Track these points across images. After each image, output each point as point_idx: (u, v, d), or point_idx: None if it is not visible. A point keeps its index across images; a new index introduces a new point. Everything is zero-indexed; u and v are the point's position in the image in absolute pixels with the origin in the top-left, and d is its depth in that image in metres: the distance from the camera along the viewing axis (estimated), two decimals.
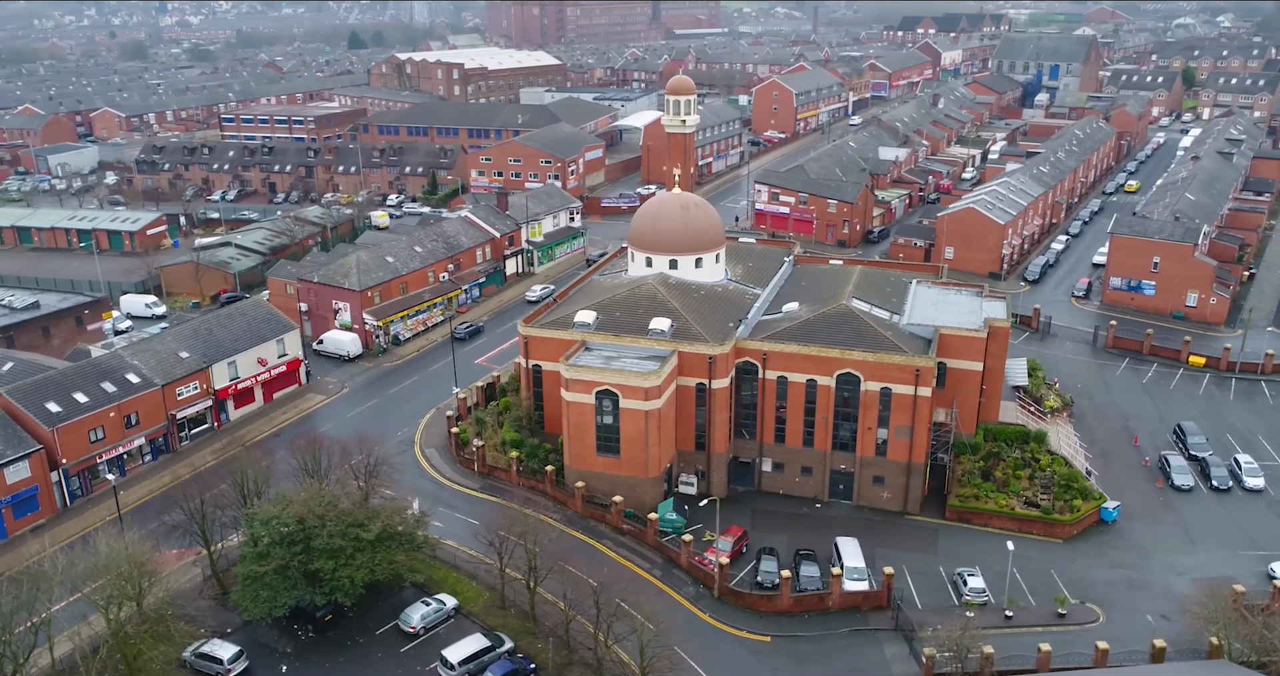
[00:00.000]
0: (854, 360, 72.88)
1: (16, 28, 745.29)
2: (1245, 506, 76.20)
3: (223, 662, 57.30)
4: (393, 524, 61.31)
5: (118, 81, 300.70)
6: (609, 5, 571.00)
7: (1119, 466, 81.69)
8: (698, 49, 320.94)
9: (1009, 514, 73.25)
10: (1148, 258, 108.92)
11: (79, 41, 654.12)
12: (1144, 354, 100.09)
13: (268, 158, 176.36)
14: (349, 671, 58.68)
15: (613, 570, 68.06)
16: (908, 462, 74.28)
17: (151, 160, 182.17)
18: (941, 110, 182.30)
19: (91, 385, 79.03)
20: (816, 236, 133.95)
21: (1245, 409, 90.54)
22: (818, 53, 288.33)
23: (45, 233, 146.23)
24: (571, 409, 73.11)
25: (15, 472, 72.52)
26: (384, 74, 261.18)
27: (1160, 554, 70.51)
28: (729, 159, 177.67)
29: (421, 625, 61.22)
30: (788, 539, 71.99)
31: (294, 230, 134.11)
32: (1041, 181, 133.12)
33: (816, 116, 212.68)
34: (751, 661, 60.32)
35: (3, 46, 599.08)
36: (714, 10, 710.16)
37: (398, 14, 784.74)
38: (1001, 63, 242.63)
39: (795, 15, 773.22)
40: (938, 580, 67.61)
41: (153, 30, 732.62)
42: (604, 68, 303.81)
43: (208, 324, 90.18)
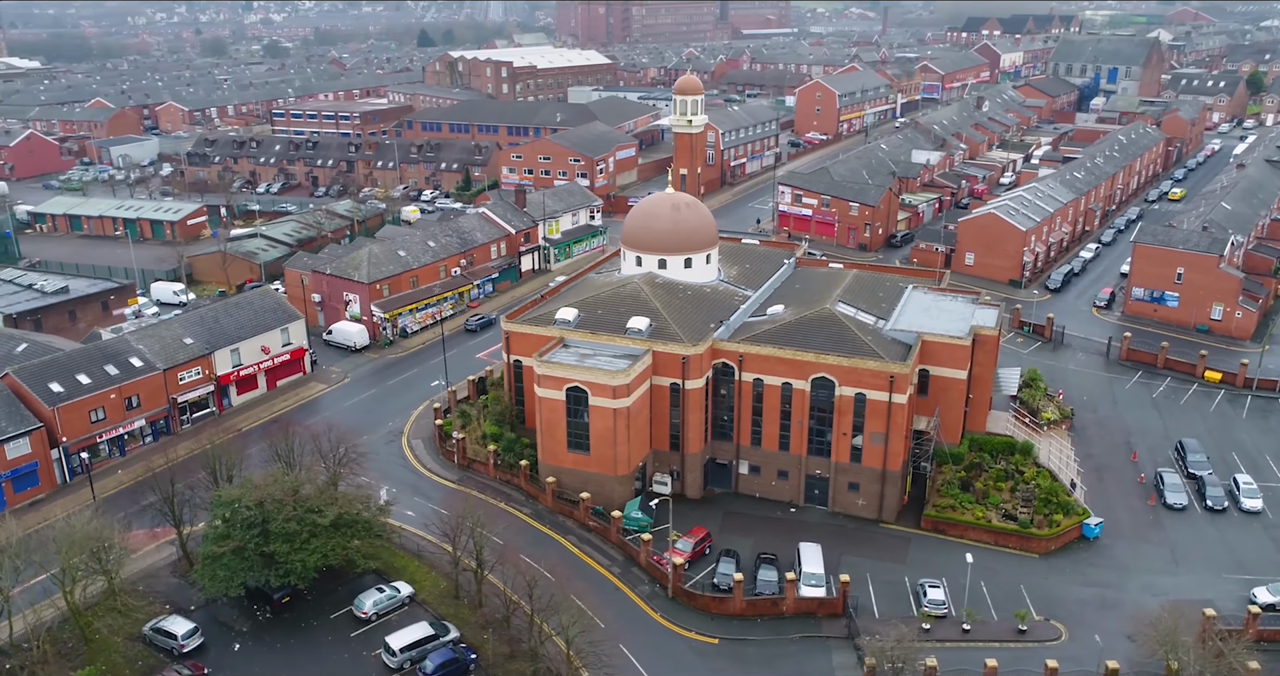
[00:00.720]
0: (828, 364, 72.08)
1: (111, 24, 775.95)
2: (1239, 528, 73.32)
3: (177, 638, 59.25)
4: (350, 511, 62.61)
5: (188, 76, 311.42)
6: (675, 5, 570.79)
7: (1113, 482, 79.29)
8: (754, 49, 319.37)
9: (985, 526, 71.68)
10: (1171, 268, 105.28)
11: (166, 38, 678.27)
12: (1158, 367, 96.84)
13: (311, 152, 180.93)
14: (299, 652, 60.19)
15: (572, 566, 68.73)
16: (882, 470, 73.17)
17: (203, 153, 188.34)
18: (985, 113, 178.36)
19: (95, 367, 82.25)
20: (838, 239, 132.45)
21: (1257, 427, 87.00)
22: (874, 54, 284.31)
23: (94, 220, 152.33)
24: (543, 405, 73.74)
25: (15, 448, 75.86)
26: (437, 71, 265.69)
27: (1140, 574, 68.28)
28: (764, 160, 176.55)
29: (374, 611, 62.43)
30: (756, 542, 71.54)
31: (322, 223, 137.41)
32: (1073, 187, 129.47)
33: (861, 118, 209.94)
34: (696, 662, 60.17)
35: (96, 42, 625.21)
36: (784, 10, 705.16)
37: (473, 13, 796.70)
38: (1058, 65, 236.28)
39: (869, 16, 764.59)
40: (901, 590, 66.51)
41: (237, 27, 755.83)
42: (657, 67, 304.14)
43: (214, 312, 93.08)
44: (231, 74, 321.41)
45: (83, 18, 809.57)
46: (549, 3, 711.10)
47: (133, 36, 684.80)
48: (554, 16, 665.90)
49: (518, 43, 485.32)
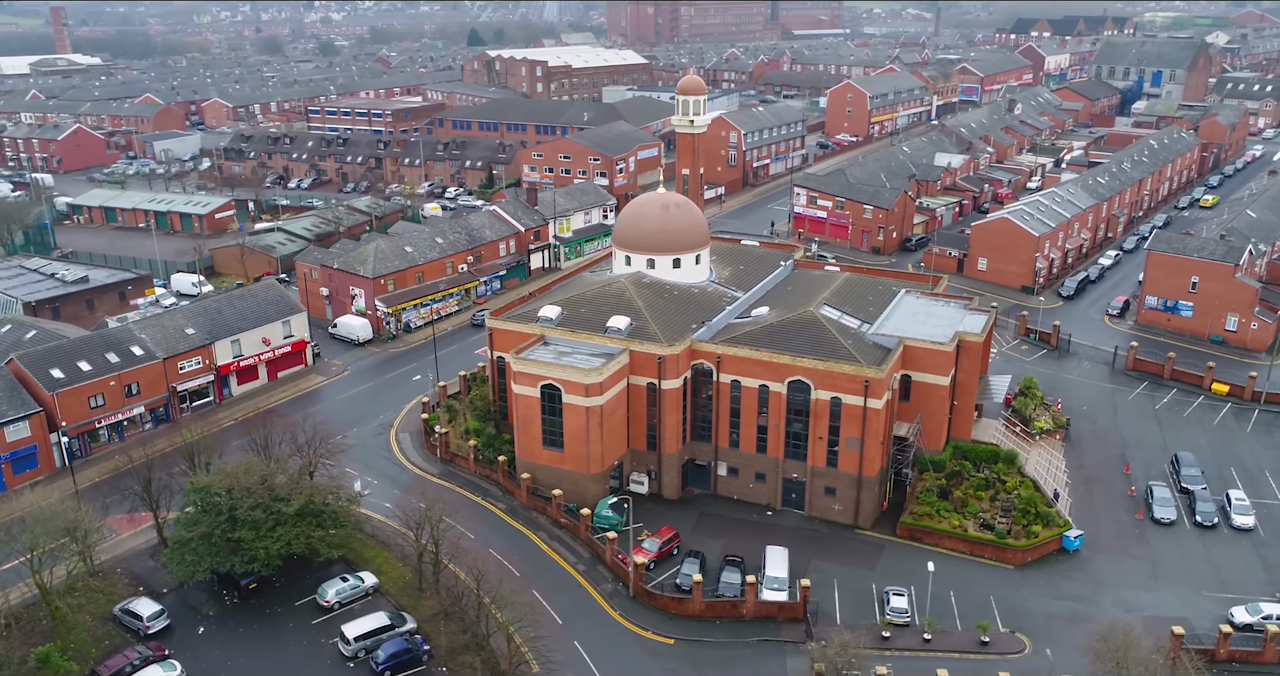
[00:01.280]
0: (804, 367, 71.55)
1: (177, 22, 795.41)
2: (1227, 545, 71.26)
3: (143, 619, 60.89)
4: (316, 501, 63.74)
5: (237, 74, 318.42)
6: (724, 5, 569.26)
7: (1102, 494, 77.55)
8: (794, 50, 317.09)
9: (961, 535, 70.60)
10: (1186, 277, 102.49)
11: (227, 36, 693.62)
12: (1165, 378, 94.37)
13: (342, 149, 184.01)
14: (260, 638, 61.46)
15: (538, 562, 69.30)
16: (858, 475, 72.42)
17: (239, 149, 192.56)
18: (1017, 116, 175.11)
19: (96, 355, 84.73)
20: (851, 242, 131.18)
21: (1260, 442, 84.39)
22: (915, 55, 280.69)
23: (128, 213, 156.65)
24: (519, 401, 74.30)
25: (15, 431, 78.50)
26: (475, 70, 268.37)
27: (1116, 589, 66.74)
28: (789, 161, 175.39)
29: (336, 600, 63.49)
30: (727, 544, 71.31)
31: (342, 218, 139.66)
32: (1095, 193, 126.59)
33: (893, 120, 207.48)
34: (648, 662, 60.20)
35: (160, 39, 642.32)
36: (836, 11, 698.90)
37: (527, 13, 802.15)
38: (1101, 68, 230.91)
39: (925, 17, 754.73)
40: (867, 597, 65.79)
41: (296, 26, 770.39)
42: (696, 67, 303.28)
43: (218, 303, 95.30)
44: (279, 71, 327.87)
45: (151, 16, 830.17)
46: (602, 2, 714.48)
47: (196, 34, 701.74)
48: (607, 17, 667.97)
49: (565, 42, 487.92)
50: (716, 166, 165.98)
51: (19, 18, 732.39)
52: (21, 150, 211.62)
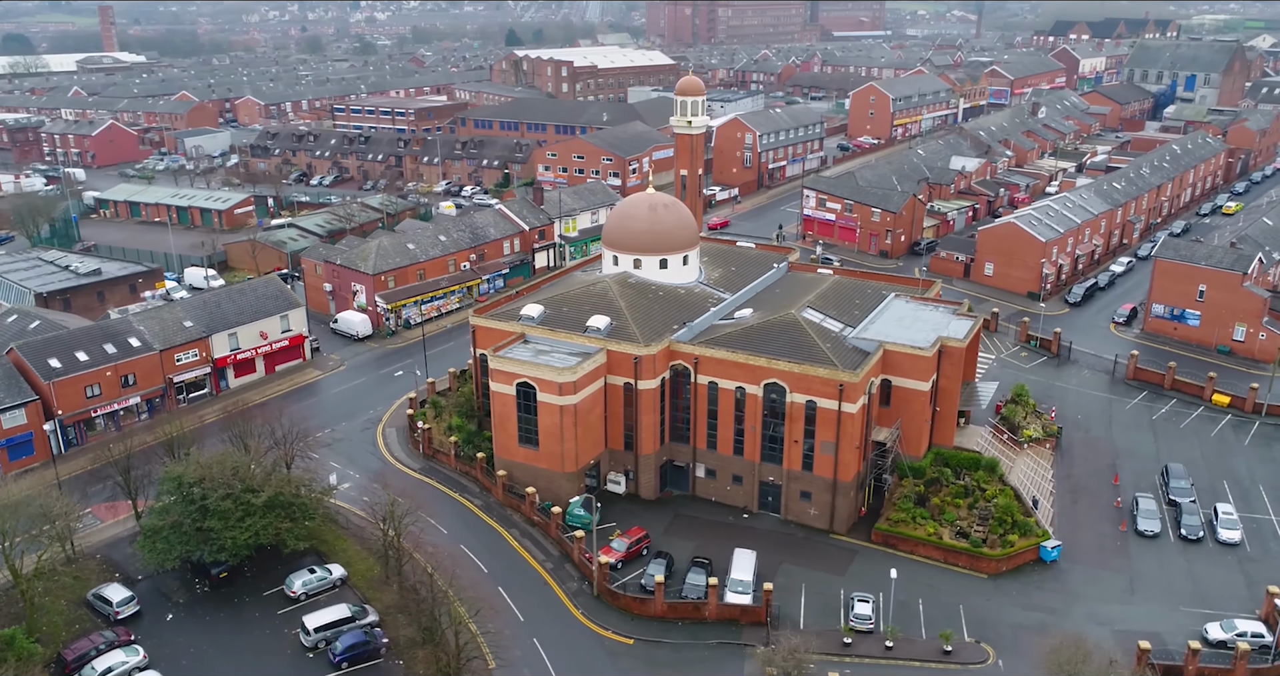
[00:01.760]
0: (779, 370, 71.16)
1: (226, 21, 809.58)
2: (1210, 559, 69.63)
3: (113, 605, 62.18)
4: (285, 493, 64.61)
5: (273, 72, 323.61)
6: (763, 6, 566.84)
7: (1087, 505, 76.16)
8: (826, 52, 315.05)
9: (935, 542, 69.74)
10: (1193, 285, 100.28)
11: (273, 35, 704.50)
12: (1165, 388, 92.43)
13: (364, 147, 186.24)
14: (225, 626, 62.42)
15: (507, 559, 69.70)
16: (833, 480, 71.86)
17: (264, 146, 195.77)
18: (1040, 120, 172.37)
19: (94, 346, 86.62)
20: (859, 245, 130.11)
21: (1257, 455, 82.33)
22: (948, 58, 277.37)
23: (151, 207, 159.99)
24: (496, 399, 74.74)
25: (11, 419, 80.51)
26: (503, 70, 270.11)
27: (1090, 601, 65.51)
28: (806, 163, 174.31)
29: (303, 591, 64.32)
30: (698, 546, 71.03)
31: (355, 215, 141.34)
32: (1109, 199, 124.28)
33: (918, 123, 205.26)
34: (605, 661, 60.23)
35: (207, 38, 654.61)
36: (878, 12, 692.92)
37: (570, 13, 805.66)
38: (1134, 71, 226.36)
39: (969, 18, 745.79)
40: (834, 602, 65.22)
41: (341, 25, 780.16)
42: (726, 69, 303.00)
43: (217, 297, 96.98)
44: (314, 70, 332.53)
45: (202, 15, 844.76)
46: (643, 3, 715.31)
47: (243, 33, 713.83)
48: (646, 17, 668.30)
49: (601, 42, 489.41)
50: (732, 168, 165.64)
51: (76, 16, 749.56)
52: (58, 145, 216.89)
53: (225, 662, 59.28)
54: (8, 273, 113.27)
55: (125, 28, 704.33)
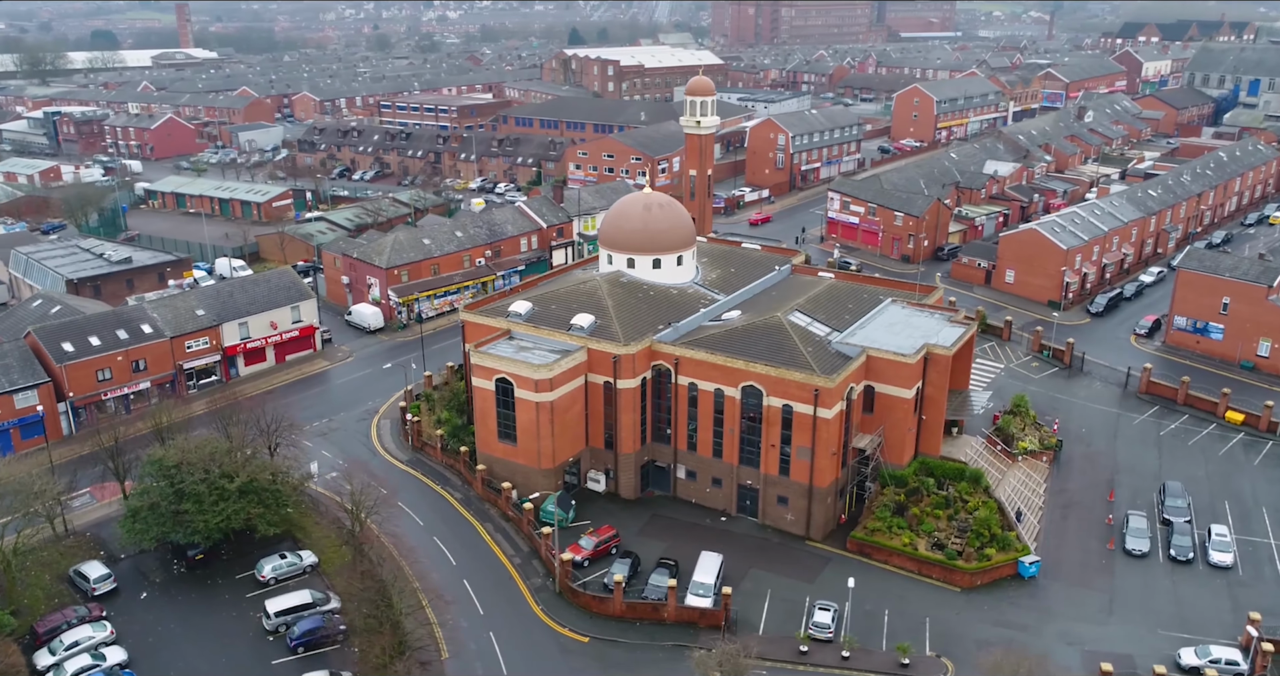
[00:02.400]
0: (756, 373, 70.56)
1: (303, 19, 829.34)
2: (1198, 582, 67.09)
3: (90, 581, 64.41)
4: (260, 480, 66.17)
5: (334, 69, 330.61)
6: (827, 6, 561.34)
7: (1077, 521, 74.02)
8: (881, 53, 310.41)
9: (910, 553, 68.45)
10: (1217, 297, 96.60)
11: (346, 33, 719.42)
12: (1179, 403, 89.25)
13: (404, 143, 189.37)
14: (195, 607, 64.15)
15: (477, 552, 70.41)
16: (809, 485, 71.01)
17: (311, 141, 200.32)
18: (1086, 124, 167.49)
19: (107, 331, 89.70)
20: (881, 249, 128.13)
21: (1265, 476, 78.99)
22: (1006, 60, 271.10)
23: (195, 199, 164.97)
24: (477, 394, 75.51)
25: (24, 399, 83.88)
26: (553, 69, 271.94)
27: (1064, 620, 63.69)
28: (842, 165, 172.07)
29: (272, 576, 65.79)
30: (670, 547, 70.77)
31: (385, 210, 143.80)
32: (1141, 206, 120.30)
33: (964, 126, 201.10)
34: (557, 658, 60.44)
35: (281, 36, 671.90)
36: (948, 13, 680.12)
37: (639, 13, 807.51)
38: (1195, 75, 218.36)
39: (1045, 19, 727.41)
40: (798, 609, 64.44)
41: (413, 24, 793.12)
42: (779, 70, 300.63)
43: (230, 286, 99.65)
44: (374, 67, 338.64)
45: (281, 13, 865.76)
46: (710, 2, 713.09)
47: (318, 31, 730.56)
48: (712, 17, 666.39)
49: (662, 42, 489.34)
50: (764, 169, 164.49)
51: (163, 14, 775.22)
52: (119, 137, 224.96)
53: (189, 641, 60.96)
54: (45, 259, 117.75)
55: (207, 25, 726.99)
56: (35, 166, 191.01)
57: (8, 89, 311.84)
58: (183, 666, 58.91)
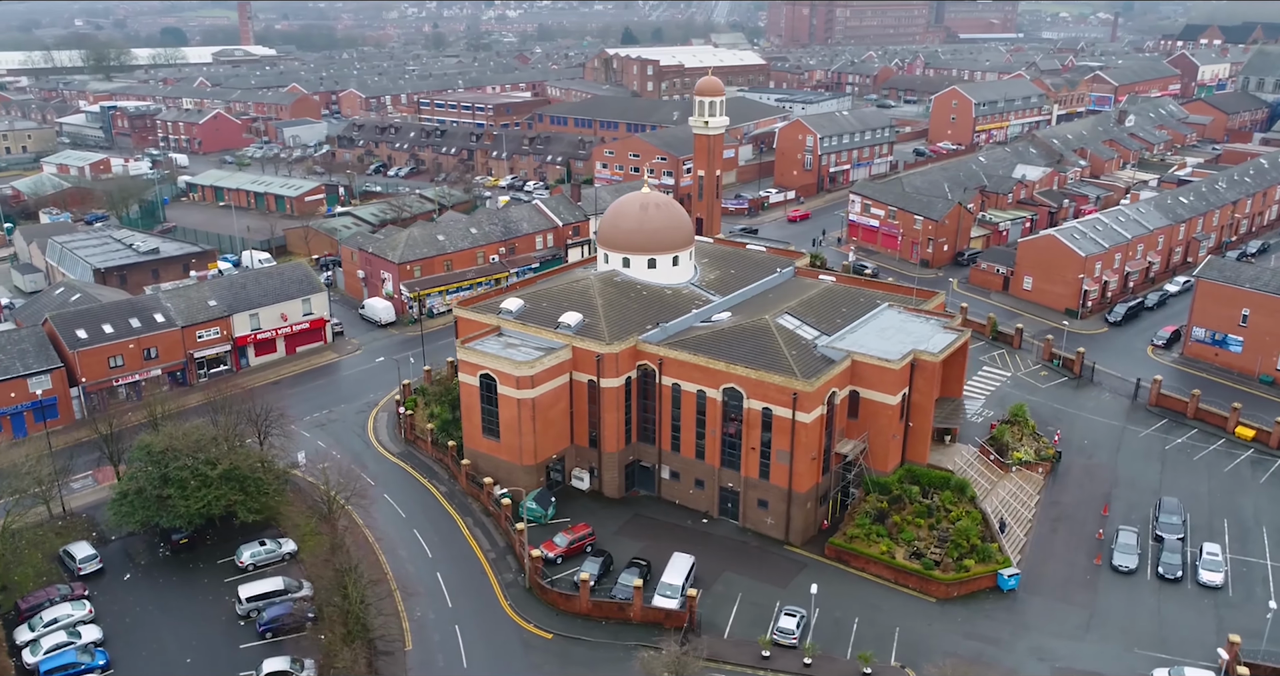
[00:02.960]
0: (737, 375, 70.18)
1: (366, 17, 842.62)
2: (1185, 602, 65.08)
3: (76, 561, 66.48)
4: (242, 467, 67.66)
5: (383, 66, 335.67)
6: (883, 6, 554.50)
7: (1066, 534, 72.29)
8: (930, 54, 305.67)
9: (886, 562, 67.53)
10: (1236, 309, 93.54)
11: (405, 31, 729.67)
12: (1189, 417, 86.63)
13: (439, 140, 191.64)
14: (174, 589, 65.81)
15: (453, 545, 71.14)
16: (788, 490, 70.43)
17: (350, 137, 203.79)
18: (1126, 128, 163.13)
19: (121, 319, 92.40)
20: (901, 253, 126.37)
21: (1270, 495, 76.29)
22: (1056, 62, 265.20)
23: (232, 192, 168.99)
24: (463, 389, 76.30)
25: (38, 384, 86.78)
26: (595, 68, 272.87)
27: (1039, 634, 62.30)
28: (874, 167, 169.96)
29: (250, 562, 67.24)
30: (647, 547, 70.70)
31: (411, 206, 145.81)
32: (1170, 214, 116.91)
33: (1004, 129, 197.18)
34: (518, 654, 60.79)
35: (342, 34, 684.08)
36: (1009, 13, 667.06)
37: (696, 12, 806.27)
38: (1249, 79, 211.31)
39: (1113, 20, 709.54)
40: (767, 614, 63.93)
41: (472, 23, 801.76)
42: (824, 70, 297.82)
43: (244, 278, 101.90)
44: (422, 65, 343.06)
45: (345, 11, 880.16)
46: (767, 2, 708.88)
47: (379, 29, 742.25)
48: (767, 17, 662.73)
49: (714, 42, 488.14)
50: (792, 170, 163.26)
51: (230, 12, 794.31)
52: (169, 131, 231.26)
53: (165, 623, 62.57)
54: (78, 248, 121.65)
55: (273, 22, 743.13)
56: (87, 159, 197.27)
57: (72, 84, 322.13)
58: (155, 646, 60.51)
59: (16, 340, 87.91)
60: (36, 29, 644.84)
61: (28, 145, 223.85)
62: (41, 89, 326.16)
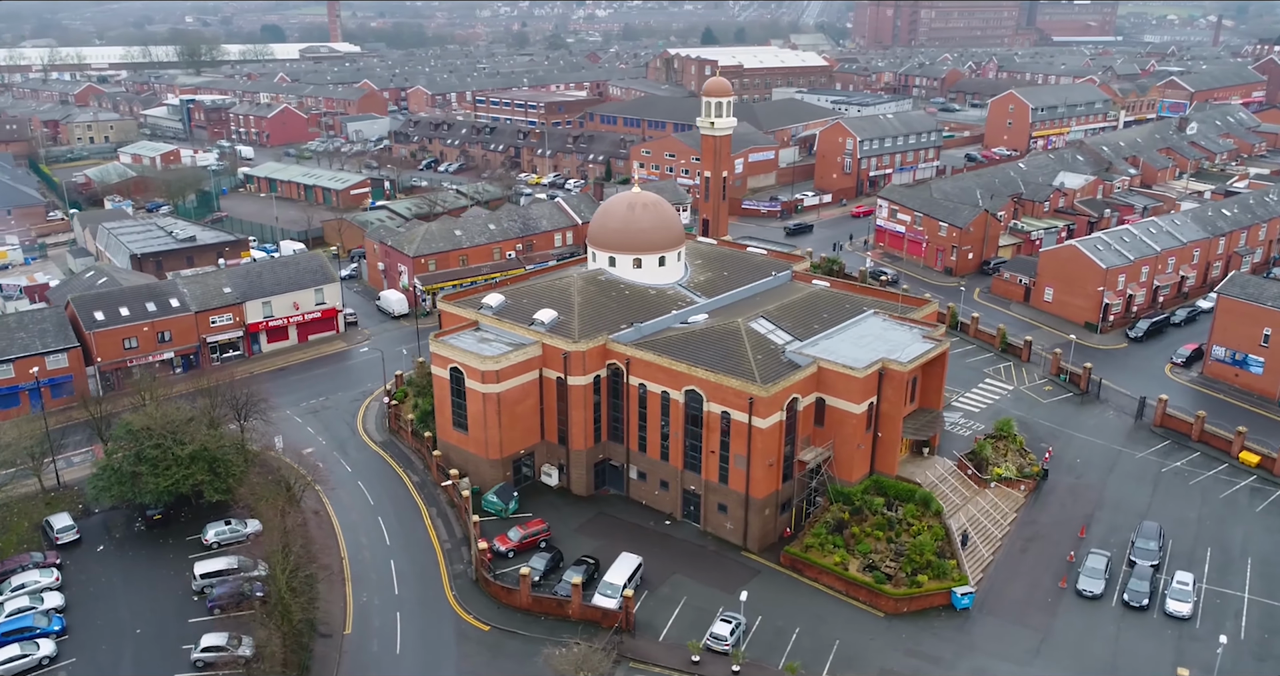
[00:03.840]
0: (697, 377, 69.78)
1: (459, 16, 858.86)
2: (1145, 631, 62.29)
3: (54, 530, 69.89)
4: (210, 448, 70.13)
5: (457, 64, 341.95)
6: (971, 7, 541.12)
7: (1036, 555, 69.89)
8: (1003, 57, 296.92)
9: (839, 573, 66.33)
10: (1258, 328, 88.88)
11: (494, 30, 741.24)
12: (1193, 439, 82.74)
13: (488, 137, 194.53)
14: (140, 562, 68.54)
15: (413, 534, 72.34)
16: (745, 495, 69.74)
17: (406, 133, 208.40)
18: (1186, 136, 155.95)
19: (138, 303, 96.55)
20: (925, 260, 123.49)
21: (1263, 525, 72.34)
22: (1134, 66, 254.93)
23: (284, 184, 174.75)
24: (435, 382, 77.55)
25: (54, 361, 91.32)
26: (657, 68, 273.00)
27: (983, 656, 60.47)
28: (918, 171, 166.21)
29: (215, 540, 69.68)
30: (603, 546, 70.76)
31: (447, 201, 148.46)
32: (1208, 226, 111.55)
33: (1063, 135, 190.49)
34: (450, 643, 61.61)
35: (434, 31, 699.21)
36: (1109, 15, 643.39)
37: (786, 13, 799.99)
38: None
39: (1226, 25, 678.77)
40: (708, 619, 63.41)
41: (561, 22, 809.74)
42: (892, 72, 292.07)
43: (260, 267, 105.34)
44: (494, 63, 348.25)
45: (440, 10, 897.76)
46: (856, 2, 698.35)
47: (469, 28, 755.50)
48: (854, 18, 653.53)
49: (794, 43, 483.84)
50: (832, 173, 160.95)
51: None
52: (241, 125, 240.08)
53: (125, 594, 65.30)
54: (122, 234, 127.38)
55: (368, 20, 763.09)
56: (159, 149, 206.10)
57: (163, 78, 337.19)
58: (110, 616, 63.21)
59: (39, 319, 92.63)
60: (149, 25, 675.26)
61: (110, 135, 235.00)
62: (135, 82, 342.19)
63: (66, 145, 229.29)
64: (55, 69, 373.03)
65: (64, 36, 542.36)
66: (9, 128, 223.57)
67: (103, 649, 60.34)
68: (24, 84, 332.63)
